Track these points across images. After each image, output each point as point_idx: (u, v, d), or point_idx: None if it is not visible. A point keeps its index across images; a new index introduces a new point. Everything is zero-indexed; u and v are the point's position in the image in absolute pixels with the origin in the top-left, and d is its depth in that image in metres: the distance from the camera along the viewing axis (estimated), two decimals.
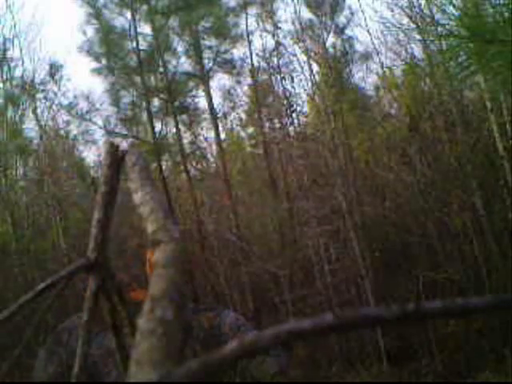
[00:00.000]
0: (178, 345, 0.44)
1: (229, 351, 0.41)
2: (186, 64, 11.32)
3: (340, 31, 11.25)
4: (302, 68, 11.33)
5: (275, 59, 11.91)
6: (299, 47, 11.23)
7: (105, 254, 0.75)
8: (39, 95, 12.56)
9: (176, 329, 0.45)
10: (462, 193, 8.57)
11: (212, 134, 11.75)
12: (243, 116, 13.92)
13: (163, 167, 11.00)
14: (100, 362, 2.63)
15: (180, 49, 11.23)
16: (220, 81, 17.29)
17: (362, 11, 12.40)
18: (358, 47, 11.99)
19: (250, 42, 11.66)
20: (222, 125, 12.95)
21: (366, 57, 11.49)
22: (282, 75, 11.94)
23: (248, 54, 11.70)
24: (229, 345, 0.41)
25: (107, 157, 0.77)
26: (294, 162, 11.36)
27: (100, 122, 11.24)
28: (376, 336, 8.22)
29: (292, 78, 11.81)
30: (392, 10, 9.93)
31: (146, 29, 10.97)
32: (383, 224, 9.56)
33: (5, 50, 12.31)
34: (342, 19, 11.31)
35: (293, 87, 11.92)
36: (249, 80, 12.39)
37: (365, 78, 12.21)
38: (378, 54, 11.18)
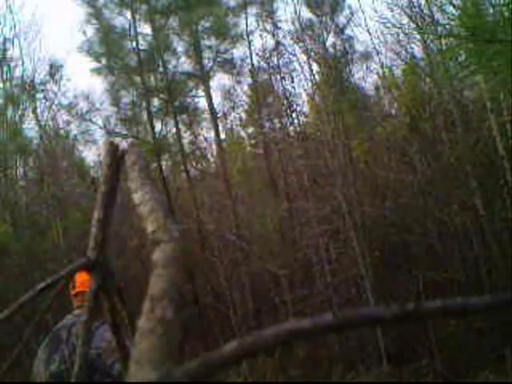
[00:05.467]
0: (178, 344, 0.44)
1: (228, 351, 0.41)
2: (185, 64, 11.33)
3: (340, 31, 11.24)
4: (302, 68, 11.34)
5: (275, 59, 11.91)
6: (299, 47, 11.23)
7: (105, 253, 0.75)
8: (39, 95, 12.58)
9: (176, 329, 0.45)
10: (461, 193, 8.57)
11: (212, 134, 11.76)
12: (243, 116, 13.94)
13: (163, 167, 11.01)
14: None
15: (180, 49, 11.24)
16: (220, 81, 17.32)
17: (362, 11, 12.41)
18: (358, 47, 11.96)
19: (249, 42, 11.66)
20: (222, 125, 12.97)
21: (366, 57, 11.49)
22: (281, 75, 11.94)
23: (248, 53, 11.71)
24: (228, 345, 0.41)
25: (107, 156, 0.77)
26: (294, 162, 11.36)
27: (100, 122, 11.26)
28: (376, 336, 8.22)
29: (292, 78, 11.81)
30: (392, 10, 9.93)
31: (146, 29, 10.98)
32: (383, 224, 9.55)
33: (5, 50, 12.32)
34: (341, 19, 11.32)
35: (293, 87, 11.93)
36: (249, 80, 12.40)
37: (365, 78, 12.17)
38: (378, 53, 11.19)
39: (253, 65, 11.81)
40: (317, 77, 11.19)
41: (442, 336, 7.99)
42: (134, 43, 10.64)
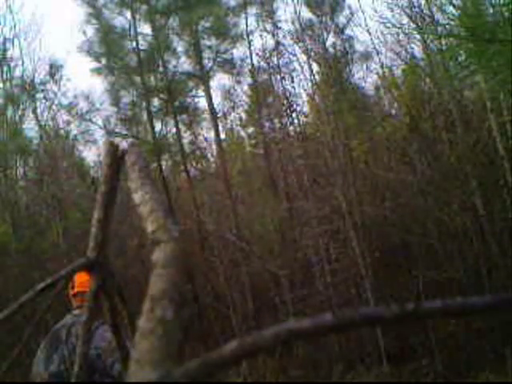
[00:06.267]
0: (178, 345, 0.44)
1: (228, 351, 0.41)
2: (185, 64, 11.33)
3: (340, 31, 11.25)
4: (302, 68, 11.34)
5: (275, 59, 11.92)
6: (299, 47, 11.23)
7: (105, 253, 0.75)
8: (39, 95, 12.58)
9: (176, 329, 0.45)
10: (461, 193, 8.57)
11: (212, 134, 11.76)
12: (243, 116, 13.95)
13: (163, 167, 11.01)
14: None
15: (180, 49, 11.24)
16: (220, 81, 17.34)
17: (362, 11, 12.42)
18: (358, 47, 11.97)
19: (249, 42, 11.66)
20: (222, 125, 12.97)
21: (366, 57, 11.49)
22: (281, 75, 11.95)
23: (248, 53, 11.71)
24: (228, 345, 0.41)
25: (107, 157, 0.77)
26: (294, 162, 11.36)
27: (100, 122, 11.26)
28: (376, 336, 8.22)
29: (292, 78, 11.82)
30: (392, 10, 9.93)
31: (146, 29, 10.98)
32: (383, 224, 9.55)
33: (5, 50, 12.32)
34: (341, 19, 11.32)
35: (293, 87, 11.93)
36: (249, 80, 12.40)
37: (365, 78, 12.18)
38: (378, 53, 11.20)
39: (253, 65, 11.81)
40: (317, 77, 11.20)
41: (442, 336, 7.99)
42: (134, 43, 10.64)
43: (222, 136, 12.54)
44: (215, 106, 11.44)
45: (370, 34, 11.32)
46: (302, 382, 8.41)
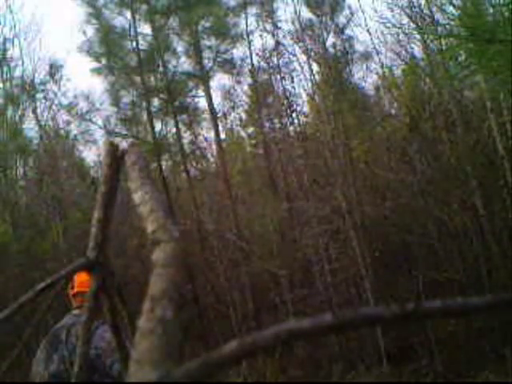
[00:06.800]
0: (178, 344, 0.44)
1: (228, 351, 0.41)
2: (185, 64, 11.33)
3: (340, 31, 11.25)
4: (302, 68, 11.34)
5: (275, 59, 11.92)
6: (299, 47, 11.23)
7: (105, 253, 0.75)
8: (39, 95, 12.58)
9: (176, 328, 0.45)
10: (461, 193, 8.57)
11: (212, 134, 11.76)
12: (243, 116, 13.95)
13: (163, 167, 11.01)
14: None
15: (180, 49, 11.24)
16: (220, 81, 17.35)
17: (362, 11, 12.42)
18: (358, 47, 11.98)
19: (249, 42, 11.67)
20: (222, 125, 12.97)
21: (366, 57, 11.49)
22: (281, 75, 11.95)
23: (248, 53, 11.71)
24: (228, 345, 0.41)
25: (107, 157, 0.77)
26: (294, 162, 11.36)
27: (100, 122, 11.26)
28: (376, 336, 8.22)
29: (292, 78, 11.82)
30: (392, 10, 9.93)
31: (146, 29, 10.98)
32: (383, 224, 9.55)
33: (5, 50, 12.33)
34: (341, 19, 11.32)
35: (293, 87, 11.94)
36: (249, 80, 12.41)
37: (365, 77, 12.17)
38: (378, 53, 11.20)
39: (253, 65, 11.81)
40: (317, 77, 11.19)
41: (442, 336, 7.98)
42: (134, 43, 10.64)
43: (222, 136, 12.55)
44: (215, 106, 11.45)
45: (370, 33, 11.32)
46: (301, 381, 8.41)
